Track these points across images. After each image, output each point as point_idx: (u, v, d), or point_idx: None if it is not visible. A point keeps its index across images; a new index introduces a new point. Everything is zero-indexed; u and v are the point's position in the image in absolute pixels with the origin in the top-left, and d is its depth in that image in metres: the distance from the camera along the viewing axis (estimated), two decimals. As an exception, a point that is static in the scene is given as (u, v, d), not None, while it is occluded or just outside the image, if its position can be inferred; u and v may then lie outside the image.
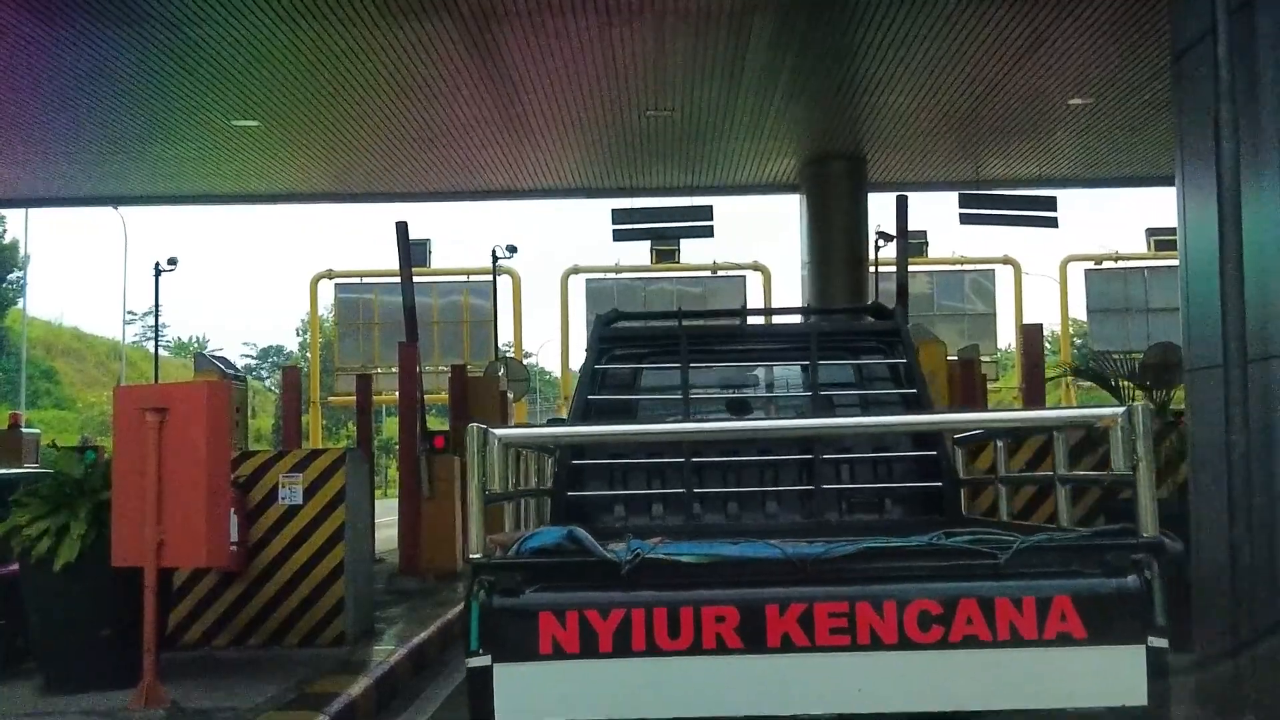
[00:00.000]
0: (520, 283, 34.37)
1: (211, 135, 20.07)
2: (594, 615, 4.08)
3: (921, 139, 21.28)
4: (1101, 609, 4.06)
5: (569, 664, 4.05)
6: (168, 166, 22.34)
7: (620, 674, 4.05)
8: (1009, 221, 23.30)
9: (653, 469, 6.64)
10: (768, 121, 20.08)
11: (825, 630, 4.04)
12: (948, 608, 4.05)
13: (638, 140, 21.01)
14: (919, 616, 4.05)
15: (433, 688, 9.42)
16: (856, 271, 22.89)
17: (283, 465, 9.92)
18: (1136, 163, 23.34)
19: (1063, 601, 4.04)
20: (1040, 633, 4.02)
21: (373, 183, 23.91)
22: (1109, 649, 4.03)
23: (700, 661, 4.04)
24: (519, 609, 4.12)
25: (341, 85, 17.47)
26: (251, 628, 9.88)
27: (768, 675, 4.05)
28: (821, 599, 4.08)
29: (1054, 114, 19.93)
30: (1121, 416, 4.28)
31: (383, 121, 19.43)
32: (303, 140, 20.61)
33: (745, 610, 4.08)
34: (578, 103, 18.63)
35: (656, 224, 24.02)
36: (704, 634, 4.06)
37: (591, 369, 6.94)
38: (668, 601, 4.09)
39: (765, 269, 33.51)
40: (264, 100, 18.19)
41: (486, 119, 19.38)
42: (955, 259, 34.69)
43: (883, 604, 4.06)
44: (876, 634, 4.03)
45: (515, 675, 4.05)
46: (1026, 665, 4.02)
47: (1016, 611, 4.04)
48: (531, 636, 4.07)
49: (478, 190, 24.66)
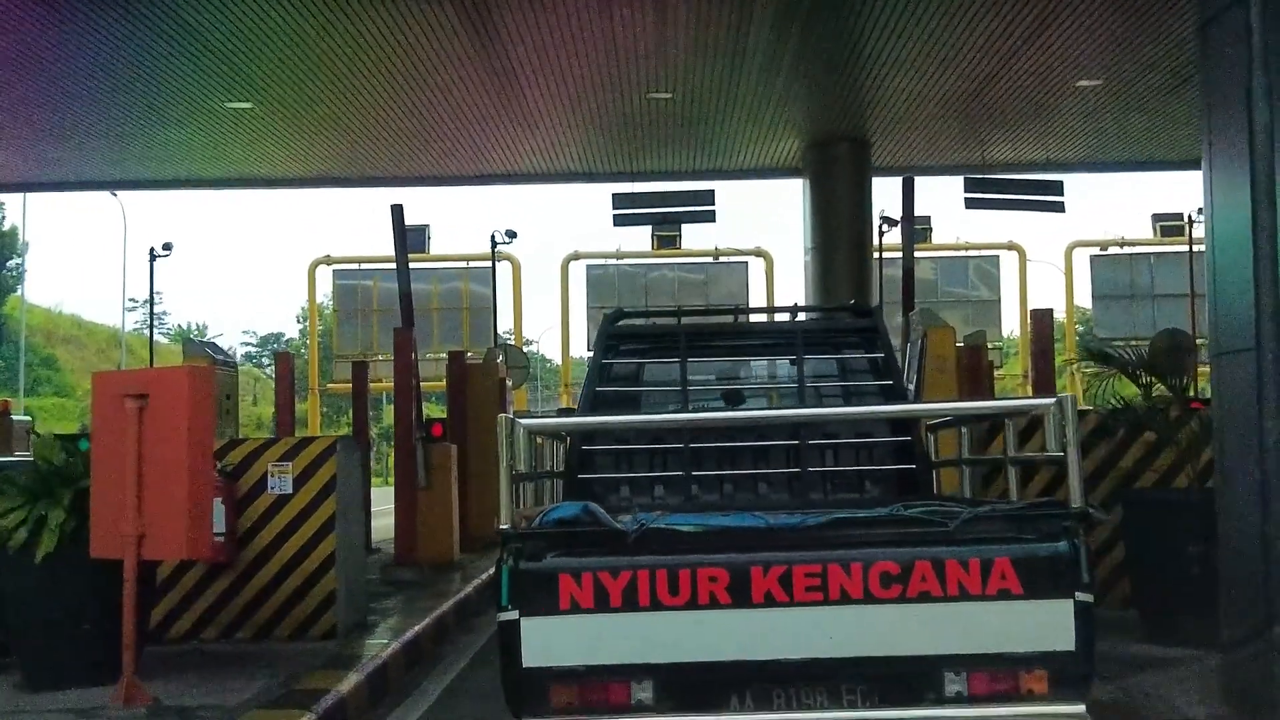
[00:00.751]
0: (520, 269, 34.14)
1: (206, 118, 19.74)
2: (605, 576, 4.71)
3: (927, 122, 20.91)
4: (1036, 569, 4.70)
5: (584, 617, 4.71)
6: (164, 150, 21.99)
7: (627, 626, 4.70)
8: (1015, 206, 22.95)
9: (654, 454, 7.24)
10: (770, 104, 19.72)
11: (802, 588, 4.69)
12: (905, 568, 4.70)
13: (639, 123, 20.65)
14: (880, 576, 4.69)
15: (427, 682, 9.15)
16: (861, 257, 22.62)
17: (272, 454, 9.65)
18: (1145, 146, 23.06)
19: (1003, 563, 4.67)
20: (984, 589, 4.66)
21: (370, 167, 23.56)
22: (1042, 603, 4.68)
23: (695, 615, 4.70)
24: (542, 571, 4.75)
25: (337, 67, 17.16)
26: (240, 620, 9.61)
27: (753, 626, 4.72)
28: (798, 562, 4.73)
29: (1062, 96, 19.54)
30: (1053, 406, 4.91)
31: (379, 104, 19.10)
32: (298, 123, 20.28)
33: (734, 571, 4.73)
34: (578, 85, 18.28)
35: (658, 208, 23.69)
36: (699, 592, 4.71)
37: (599, 364, 7.52)
38: (668, 564, 4.73)
39: (767, 255, 33.25)
40: (258, 83, 17.86)
41: (485, 101, 19.05)
42: (959, 244, 34.44)
43: (850, 565, 4.70)
44: (845, 591, 4.68)
45: (539, 627, 4.72)
46: (972, 616, 4.67)
47: (964, 571, 4.67)
48: (552, 594, 4.72)
49: (476, 175, 24.33)
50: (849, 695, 4.77)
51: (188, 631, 9.59)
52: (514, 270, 34.03)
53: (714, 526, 5.04)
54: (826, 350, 7.63)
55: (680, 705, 4.76)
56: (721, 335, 8.21)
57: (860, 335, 7.67)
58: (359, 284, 33.19)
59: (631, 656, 4.74)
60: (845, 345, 7.65)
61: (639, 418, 7.25)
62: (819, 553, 4.77)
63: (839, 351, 7.63)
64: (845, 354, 7.61)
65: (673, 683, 4.76)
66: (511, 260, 33.86)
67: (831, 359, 7.63)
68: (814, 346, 7.59)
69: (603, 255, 33.89)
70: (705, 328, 8.35)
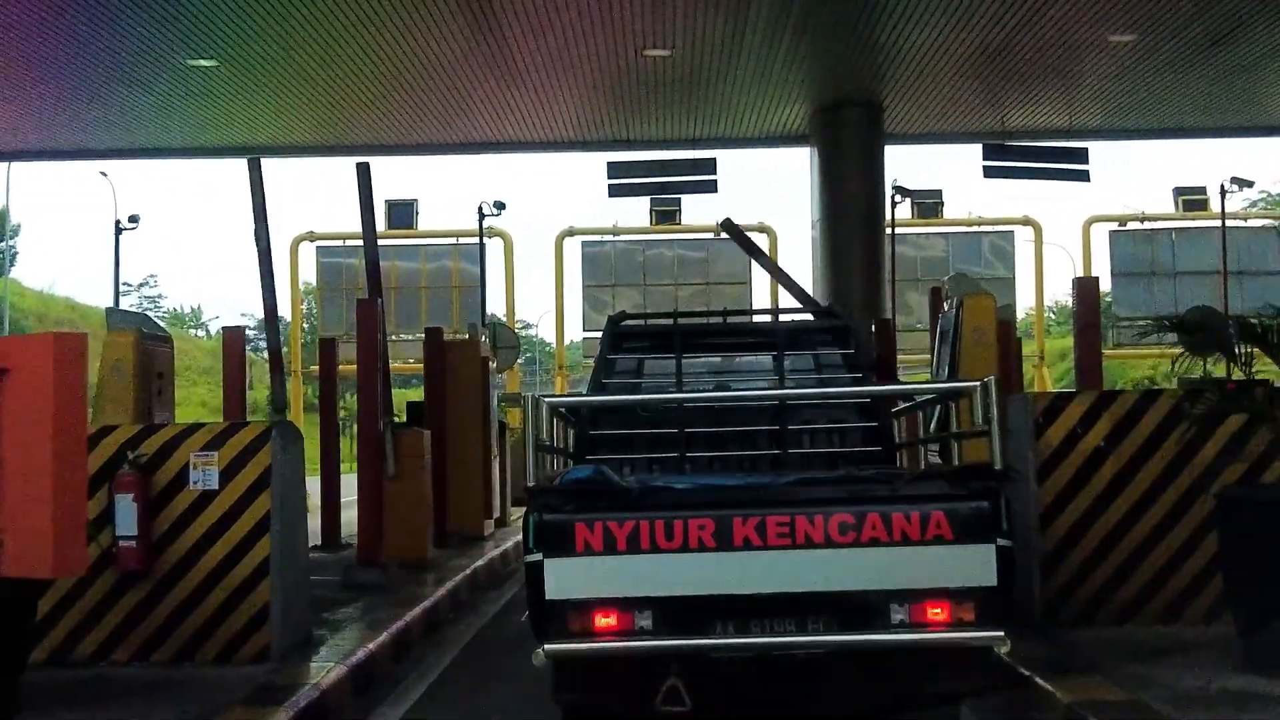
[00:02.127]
0: (512, 245, 32.62)
1: (170, 78, 18.54)
2: (613, 525, 5.61)
3: (944, 84, 19.75)
4: (965, 520, 5.59)
5: (596, 559, 5.61)
6: (127, 115, 20.83)
7: (631, 565, 5.61)
8: (1037, 175, 21.82)
9: (653, 437, 8.03)
10: (776, 63, 18.54)
11: (774, 535, 5.62)
12: (859, 519, 5.62)
13: (635, 84, 19.48)
14: (838, 525, 5.62)
15: (378, 712, 7.73)
16: (872, 230, 21.41)
17: (194, 442, 8.15)
18: (1174, 111, 21.99)
19: (938, 515, 5.59)
20: (923, 536, 5.57)
21: (348, 134, 22.50)
22: (969, 547, 5.57)
23: (687, 557, 5.62)
24: (561, 521, 5.65)
25: (306, 21, 15.94)
26: (157, 640, 8.12)
27: (734, 565, 5.64)
28: (771, 513, 5.67)
29: (1090, 53, 18.36)
30: (978, 388, 6.03)
31: (355, 63, 17.88)
32: (267, 84, 19.11)
33: (719, 521, 5.65)
34: (568, 39, 17.07)
35: (655, 178, 22.29)
36: (690, 537, 5.62)
37: (605, 360, 8.53)
38: (664, 516, 5.65)
39: (771, 230, 31.86)
40: (223, 38, 16.68)
41: (470, 58, 17.82)
42: (972, 220, 33.02)
43: (814, 517, 5.64)
44: (810, 537, 5.62)
45: (559, 566, 5.61)
46: (913, 558, 5.58)
47: (906, 521, 5.59)
48: (570, 540, 5.61)
49: (463, 142, 23.32)
50: (813, 624, 5.63)
51: (94, 653, 8.11)
52: (506, 246, 32.58)
53: (702, 484, 6.30)
54: (805, 347, 8.60)
55: (674, 630, 5.61)
56: (713, 335, 9.21)
57: (835, 334, 8.67)
58: (344, 262, 31.75)
59: (634, 590, 5.62)
60: (821, 343, 8.65)
61: (642, 397, 8.33)
62: (789, 506, 5.71)
63: (815, 349, 8.60)
64: (821, 350, 8.58)
65: (668, 612, 5.62)
66: (503, 236, 32.43)
67: (809, 354, 8.57)
68: (794, 344, 8.56)
69: (599, 231, 32.45)
70: (699, 328, 9.26)
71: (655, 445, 8.04)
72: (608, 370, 8.50)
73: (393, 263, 30.55)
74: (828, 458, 7.95)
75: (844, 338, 8.61)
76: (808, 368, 8.57)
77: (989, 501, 5.60)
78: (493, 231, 31.73)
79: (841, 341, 8.58)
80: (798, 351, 8.55)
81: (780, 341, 8.57)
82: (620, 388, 8.45)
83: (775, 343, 8.61)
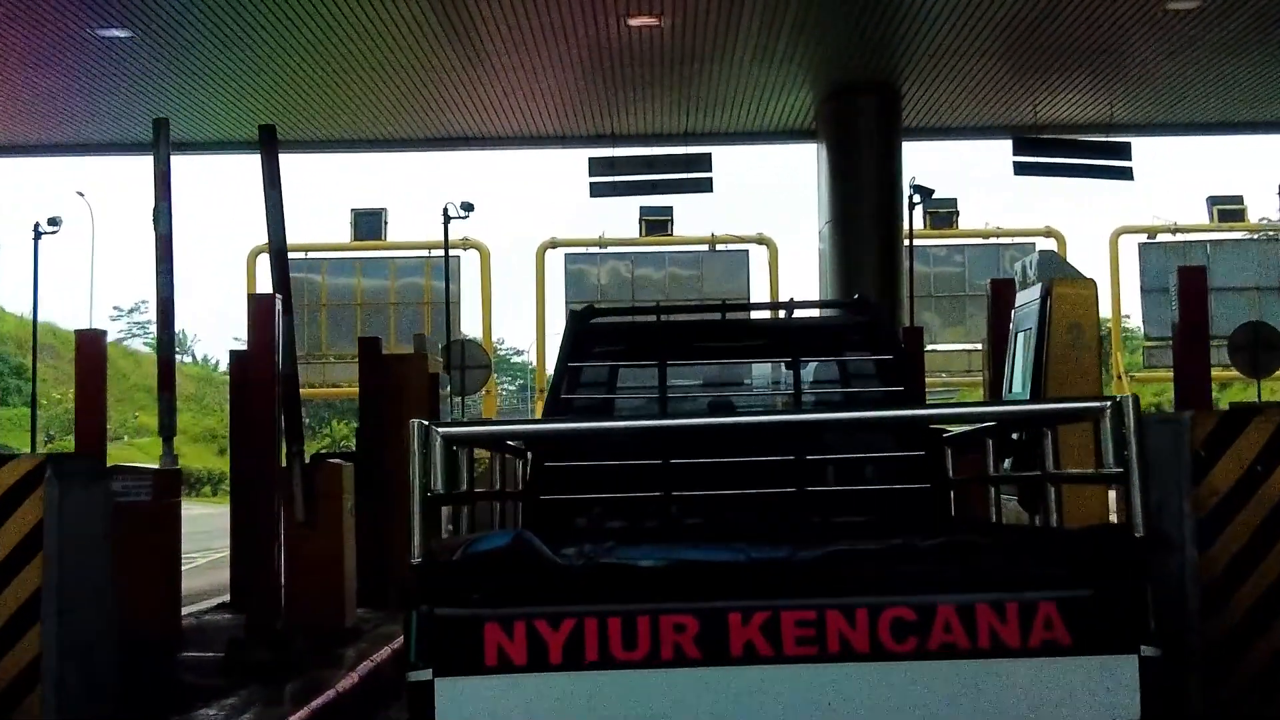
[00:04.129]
0: (489, 258, 30.34)
1: (77, 52, 16.31)
2: (543, 625, 3.98)
3: (969, 64, 17.77)
4: (1090, 615, 3.94)
5: (517, 677, 4.00)
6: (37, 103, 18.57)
7: (572, 687, 3.98)
8: (1074, 172, 20.13)
9: (630, 471, 6.44)
10: (780, 40, 16.57)
11: (792, 640, 3.98)
12: (923, 615, 3.94)
13: (619, 64, 17.40)
14: (892, 624, 3.94)
15: None
16: (888, 235, 19.45)
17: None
18: (1231, 102, 20.00)
19: (1047, 607, 3.92)
20: (1024, 641, 3.91)
21: (308, 127, 20.40)
22: (1098, 659, 3.92)
23: (658, 674, 3.99)
24: (463, 619, 4.02)
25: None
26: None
27: (730, 688, 3.98)
28: (788, 606, 3.99)
29: (1141, 26, 16.23)
30: (1109, 408, 4.14)
31: (308, 48, 16.12)
32: (189, 61, 16.80)
33: (706, 618, 3.99)
34: (543, 9, 14.95)
35: (643, 175, 19.97)
36: (662, 644, 3.99)
37: (564, 367, 6.89)
38: (622, 610, 4.00)
39: (771, 242, 29.85)
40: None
41: (430, 35, 15.75)
42: (989, 230, 30.78)
43: (854, 611, 3.96)
44: (848, 643, 3.96)
45: (458, 690, 4.00)
46: (1009, 677, 3.91)
47: (997, 618, 3.92)
48: (476, 648, 4.00)
49: (431, 138, 21.44)
50: None
51: None
52: (482, 259, 30.36)
53: (680, 561, 4.21)
54: (828, 351, 7.13)
55: None
56: (707, 335, 7.50)
57: (866, 333, 7.04)
58: (304, 277, 29.48)
59: None
60: (849, 345, 7.08)
61: (594, 425, 5.97)
62: (814, 596, 3.99)
63: (841, 352, 7.08)
64: (849, 355, 7.05)
65: None
66: (479, 248, 30.15)
67: (833, 361, 7.14)
68: (813, 347, 7.11)
69: (584, 243, 30.33)
70: (688, 327, 7.95)
71: (632, 481, 6.45)
72: (570, 382, 6.93)
73: (356, 279, 28.47)
74: (857, 498, 6.47)
75: (878, 338, 7.01)
76: (831, 378, 7.25)
77: (1129, 586, 3.97)
78: (468, 243, 29.43)
79: (874, 343, 6.99)
80: (819, 357, 7.17)
81: (795, 343, 7.00)
82: (586, 406, 6.94)
83: (789, 345, 7.03)
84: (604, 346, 7.19)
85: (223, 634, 10.07)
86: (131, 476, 9.55)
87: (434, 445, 4.20)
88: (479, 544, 4.34)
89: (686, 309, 16.05)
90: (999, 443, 5.83)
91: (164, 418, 10.49)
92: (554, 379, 7.06)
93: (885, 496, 6.52)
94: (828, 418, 6.07)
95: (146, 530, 9.54)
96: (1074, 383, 8.07)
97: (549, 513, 6.45)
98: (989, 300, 10.37)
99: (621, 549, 4.43)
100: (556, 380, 6.94)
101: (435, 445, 4.21)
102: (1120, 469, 4.07)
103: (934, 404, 7.96)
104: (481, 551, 4.25)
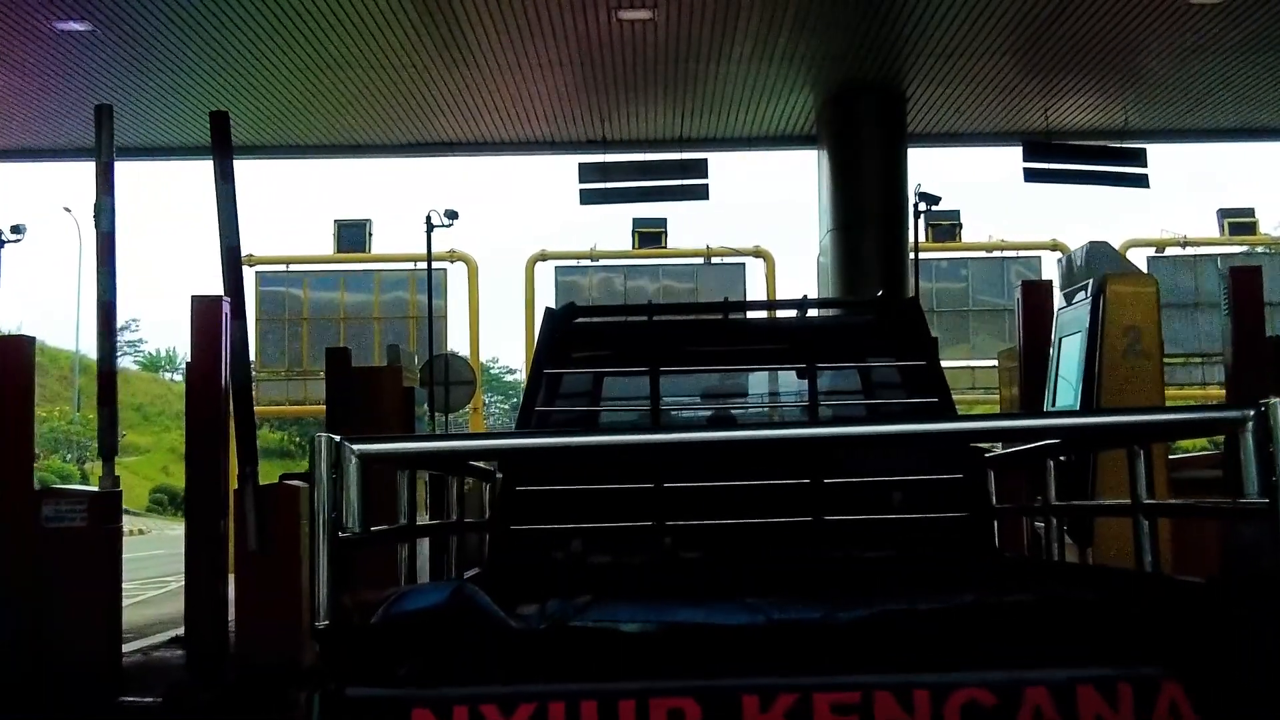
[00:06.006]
0: (477, 271, 29.36)
1: (32, 45, 15.37)
2: (491, 710, 3.05)
3: (978, 65, 17.00)
4: (1229, 696, 2.98)
5: None
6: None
7: None
8: (1087, 178, 19.29)
9: (616, 496, 5.66)
10: (780, 37, 15.81)
11: None
12: (1007, 698, 2.97)
13: (610, 62, 16.58)
14: (964, 710, 2.96)
15: None
16: (893, 244, 18.57)
17: None
18: (1256, 104, 19.08)
19: (1172, 689, 2.93)
20: None
21: (287, 132, 19.52)
22: None
23: None
24: (383, 701, 3.11)
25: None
26: None
27: None
28: (823, 686, 3.03)
29: (1162, 21, 15.40)
30: (1251, 418, 3.10)
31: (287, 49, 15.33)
32: (152, 56, 15.88)
33: (711, 702, 3.04)
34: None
35: (636, 182, 19.18)
36: None
37: (540, 374, 6.12)
38: (599, 691, 3.08)
39: (768, 255, 29.05)
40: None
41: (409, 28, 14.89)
42: (993, 244, 29.92)
43: (912, 692, 2.99)
44: None
45: None
46: None
47: (1106, 705, 2.93)
48: None
49: (415, 143, 20.64)
50: None
51: None
52: (470, 272, 29.38)
53: (676, 624, 3.25)
54: (848, 355, 6.48)
55: None
56: (706, 338, 6.81)
57: (891, 334, 6.29)
58: (286, 291, 28.67)
59: None
60: (872, 349, 6.38)
61: (568, 439, 4.56)
62: (856, 671, 3.05)
63: (864, 358, 6.41)
64: (872, 361, 6.38)
65: None
66: (467, 261, 29.25)
67: (855, 369, 6.49)
68: (831, 351, 6.41)
69: (575, 256, 29.51)
70: (685, 328, 7.41)
71: (619, 508, 5.72)
72: (549, 392, 6.22)
73: (340, 293, 27.74)
74: (887, 528, 5.63)
75: (906, 340, 6.17)
76: (851, 387, 6.57)
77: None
78: (455, 255, 28.58)
79: (901, 346, 6.18)
80: (838, 364, 6.45)
81: (809, 347, 6.22)
82: (565, 419, 6.31)
83: (802, 349, 6.25)
84: (588, 351, 6.41)
85: (170, 673, 9.19)
86: (64, 500, 8.61)
87: (348, 467, 3.29)
88: (406, 601, 3.38)
89: (683, 309, 15.27)
90: (1059, 464, 5.01)
91: (104, 435, 9.54)
92: (527, 387, 6.30)
93: (917, 526, 5.75)
94: (854, 432, 5.00)
95: (82, 558, 8.62)
96: (1132, 395, 7.11)
97: (520, 545, 5.78)
98: (1019, 304, 9.42)
99: (598, 607, 3.45)
100: (531, 389, 6.17)
101: (350, 468, 3.29)
102: (1266, 499, 3.09)
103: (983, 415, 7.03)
104: (409, 611, 3.31)
